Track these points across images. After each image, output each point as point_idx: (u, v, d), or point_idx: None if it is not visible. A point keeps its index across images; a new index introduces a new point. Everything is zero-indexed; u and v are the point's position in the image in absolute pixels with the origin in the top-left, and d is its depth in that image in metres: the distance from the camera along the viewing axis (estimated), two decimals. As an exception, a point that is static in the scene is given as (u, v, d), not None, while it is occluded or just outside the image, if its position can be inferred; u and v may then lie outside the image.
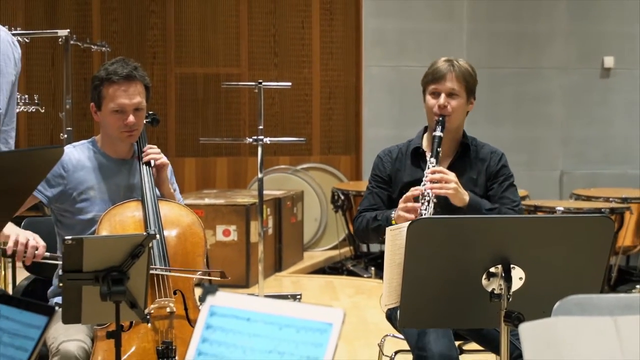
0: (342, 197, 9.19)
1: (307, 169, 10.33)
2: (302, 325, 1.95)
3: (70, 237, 3.07)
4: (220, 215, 8.30)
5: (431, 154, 4.02)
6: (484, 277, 3.17)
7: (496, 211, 4.02)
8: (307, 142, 10.16)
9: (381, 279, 3.52)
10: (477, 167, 4.17)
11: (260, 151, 7.23)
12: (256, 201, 7.63)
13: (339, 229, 9.68)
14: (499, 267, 3.15)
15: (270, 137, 7.45)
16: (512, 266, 3.15)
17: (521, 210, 4.21)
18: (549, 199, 9.26)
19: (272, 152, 10.18)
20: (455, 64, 4.09)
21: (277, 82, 9.75)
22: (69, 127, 7.27)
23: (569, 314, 2.48)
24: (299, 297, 7.67)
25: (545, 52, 10.36)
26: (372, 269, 9.09)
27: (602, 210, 7.83)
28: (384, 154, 4.26)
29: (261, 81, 7.32)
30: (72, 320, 3.18)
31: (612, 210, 7.88)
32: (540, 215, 7.54)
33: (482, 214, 3.94)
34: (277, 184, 9.76)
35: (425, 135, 4.25)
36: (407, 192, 4.06)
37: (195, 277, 3.85)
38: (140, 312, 3.18)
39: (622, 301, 2.50)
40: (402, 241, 3.19)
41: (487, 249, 3.17)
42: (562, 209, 7.82)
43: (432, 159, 3.99)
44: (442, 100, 4.07)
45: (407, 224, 3.20)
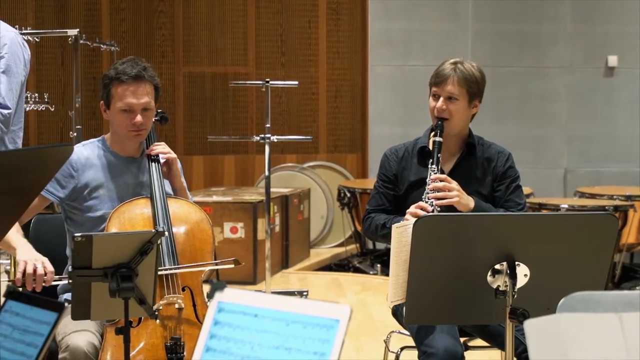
0: (349, 195, 9.21)
1: (313, 167, 10.35)
2: (309, 321, 1.96)
3: (79, 234, 3.07)
4: (227, 212, 8.32)
5: (431, 160, 4.02)
6: (489, 274, 3.20)
7: None
8: (313, 140, 10.17)
9: (387, 275, 3.54)
10: (483, 167, 4.15)
11: (267, 149, 7.26)
12: (263, 199, 7.66)
13: (345, 227, 9.70)
14: (504, 264, 3.17)
15: (277, 135, 7.48)
16: (517, 263, 3.17)
17: (526, 211, 4.21)
18: (553, 196, 9.28)
19: (279, 150, 10.20)
20: (459, 67, 4.06)
21: (284, 81, 9.78)
22: (79, 126, 7.29)
23: (573, 310, 2.50)
24: (305, 293, 7.69)
25: (549, 51, 10.36)
26: (378, 266, 9.10)
27: (606, 207, 7.84)
28: (390, 153, 4.27)
29: (268, 80, 7.35)
30: (81, 316, 3.19)
31: (616, 207, 7.88)
32: (545, 212, 7.55)
33: None
34: (284, 182, 9.78)
35: (431, 134, 4.25)
36: (413, 190, 4.08)
37: (209, 268, 3.86)
38: (149, 308, 3.19)
39: (626, 298, 2.52)
40: (408, 238, 3.21)
41: (492, 246, 3.19)
42: (566, 206, 7.84)
43: (433, 166, 3.97)
44: (440, 103, 4.06)
45: (413, 221, 3.22)
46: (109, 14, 10.28)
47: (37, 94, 7.65)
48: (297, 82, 8.24)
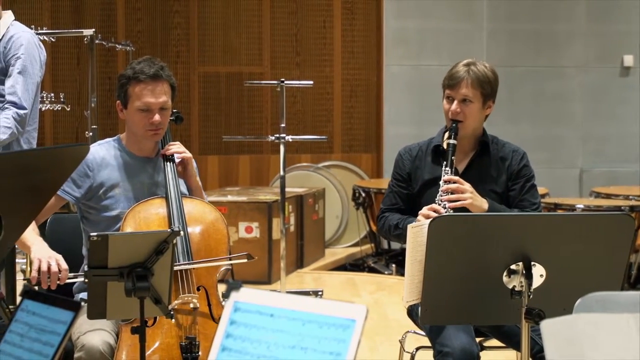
0: (363, 195, 9.21)
1: (328, 167, 10.35)
2: (325, 321, 1.96)
3: (95, 234, 3.08)
4: (242, 212, 8.33)
5: (445, 162, 4.01)
6: (505, 274, 3.19)
7: None
8: (328, 140, 10.17)
9: (402, 275, 3.55)
10: (497, 166, 4.15)
11: (282, 149, 7.27)
12: (278, 198, 7.67)
13: (360, 226, 9.70)
14: (520, 264, 3.17)
15: (292, 135, 7.48)
16: (532, 263, 3.16)
17: (540, 211, 4.20)
18: (568, 196, 9.26)
19: (294, 150, 10.20)
20: (472, 69, 4.04)
21: (299, 80, 9.78)
22: (94, 125, 7.31)
23: (590, 311, 2.50)
24: (320, 293, 7.69)
25: (564, 51, 10.35)
26: (393, 266, 9.10)
27: (622, 208, 7.82)
28: (405, 152, 4.26)
29: (283, 80, 7.35)
30: (97, 315, 3.20)
31: (632, 208, 7.86)
32: (560, 213, 7.54)
33: None
34: (299, 182, 9.78)
35: (445, 133, 4.25)
36: (427, 189, 4.07)
37: (222, 264, 3.86)
38: (164, 307, 3.19)
39: (643, 298, 2.52)
40: (424, 238, 3.21)
41: (508, 246, 3.19)
42: (582, 206, 7.82)
43: (447, 169, 3.97)
44: (454, 106, 4.05)
45: (428, 221, 3.22)
46: (125, 14, 10.31)
47: (52, 94, 7.68)
48: (312, 82, 8.23)
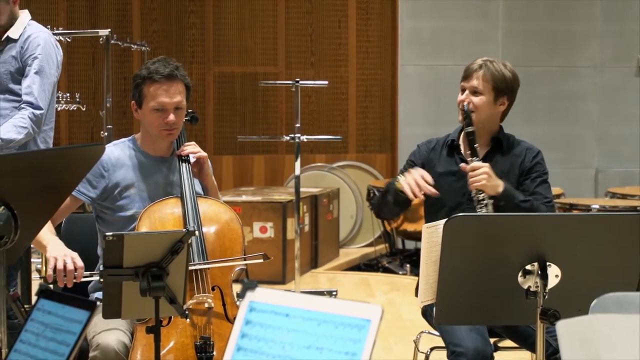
0: (378, 195, 9.19)
1: (343, 167, 10.35)
2: (340, 321, 1.96)
3: (111, 234, 3.10)
4: (257, 212, 8.34)
5: (470, 152, 4.03)
6: (520, 274, 3.18)
7: (529, 204, 3.99)
8: (343, 140, 10.16)
9: (417, 276, 3.54)
10: (509, 162, 4.15)
11: (297, 149, 7.27)
12: (293, 198, 7.67)
13: (374, 226, 9.70)
14: (535, 264, 3.16)
15: (306, 135, 7.49)
16: (548, 264, 3.16)
17: (553, 206, 4.20)
18: (584, 196, 9.23)
19: (309, 150, 10.20)
20: (487, 64, 4.10)
21: (314, 80, 9.77)
22: (109, 125, 7.33)
23: (606, 311, 2.49)
24: (334, 293, 7.69)
25: (580, 50, 10.32)
26: (408, 266, 9.09)
27: (638, 208, 7.80)
28: (423, 144, 4.30)
29: (298, 80, 7.35)
30: (112, 315, 3.21)
31: (648, 208, 7.85)
32: (575, 213, 7.52)
33: (514, 205, 3.94)
34: (314, 182, 9.79)
35: (461, 132, 4.25)
36: (439, 181, 4.07)
37: (238, 263, 3.87)
38: (179, 307, 3.20)
39: (659, 299, 2.51)
40: (439, 238, 3.21)
41: (523, 247, 3.18)
42: (597, 207, 7.80)
43: (474, 158, 4.00)
44: (464, 96, 4.10)
45: (443, 221, 3.22)
46: (140, 14, 10.33)
47: (68, 94, 7.70)
48: (327, 82, 8.23)
